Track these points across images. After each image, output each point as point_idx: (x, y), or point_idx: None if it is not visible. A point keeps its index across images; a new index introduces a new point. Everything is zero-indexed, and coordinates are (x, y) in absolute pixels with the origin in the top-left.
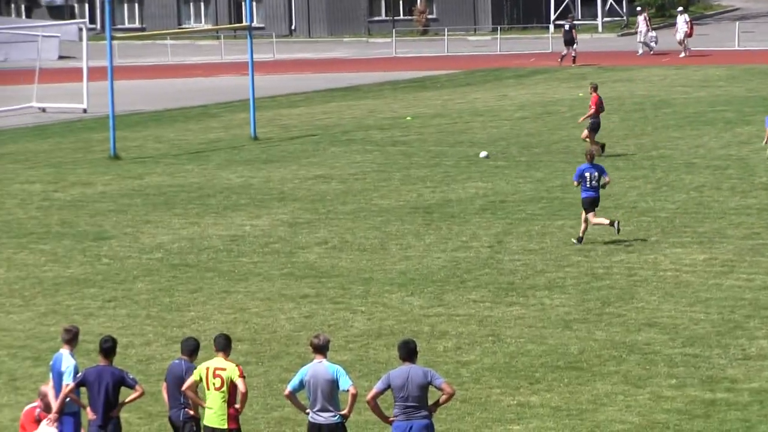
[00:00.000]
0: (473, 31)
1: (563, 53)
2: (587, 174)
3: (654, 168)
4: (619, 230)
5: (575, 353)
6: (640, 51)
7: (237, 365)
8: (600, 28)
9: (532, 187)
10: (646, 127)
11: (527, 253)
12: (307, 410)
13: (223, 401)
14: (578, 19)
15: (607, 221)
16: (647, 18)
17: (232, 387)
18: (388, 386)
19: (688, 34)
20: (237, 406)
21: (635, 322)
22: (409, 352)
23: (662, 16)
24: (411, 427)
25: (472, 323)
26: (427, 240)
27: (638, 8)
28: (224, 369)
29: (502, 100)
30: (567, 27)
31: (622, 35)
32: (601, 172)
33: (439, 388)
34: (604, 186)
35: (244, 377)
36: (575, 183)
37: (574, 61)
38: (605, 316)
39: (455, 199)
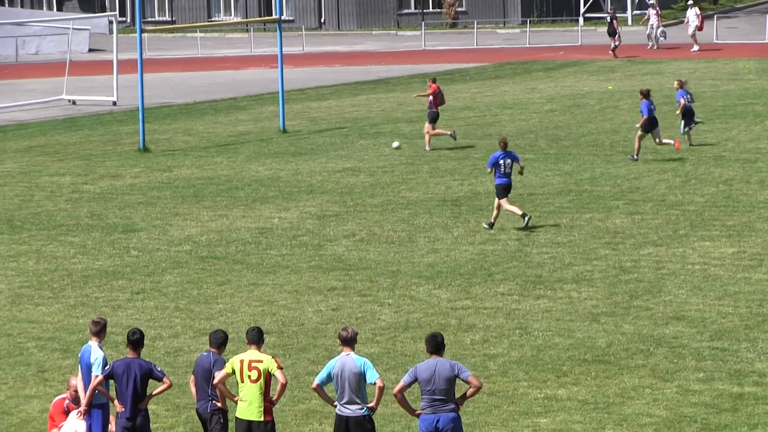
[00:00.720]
0: (502, 24)
1: (612, 46)
2: (501, 161)
3: (683, 161)
4: (527, 224)
5: (603, 347)
6: (650, 45)
7: (273, 357)
8: (629, 21)
9: (560, 180)
10: (675, 121)
11: (555, 246)
12: (335, 403)
13: (260, 393)
14: (607, 12)
15: (519, 211)
16: (658, 12)
17: (268, 379)
18: (415, 379)
19: (699, 28)
20: (273, 398)
21: (663, 316)
22: (436, 345)
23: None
24: (438, 420)
25: (500, 316)
26: (455, 233)
27: (650, 1)
28: (260, 361)
29: (531, 93)
30: (608, 19)
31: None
32: (515, 159)
33: (467, 381)
34: (521, 171)
35: (281, 368)
36: (488, 170)
37: (613, 52)
38: (633, 309)
39: (483, 192)
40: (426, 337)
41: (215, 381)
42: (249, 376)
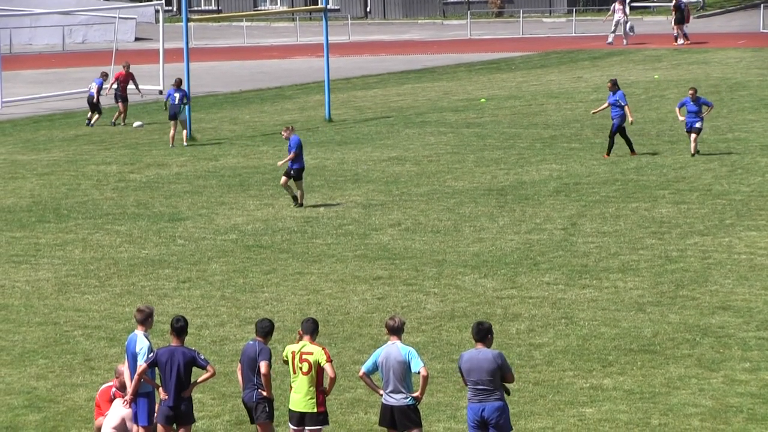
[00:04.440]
0: (548, 13)
1: (675, 34)
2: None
3: (729, 151)
4: (301, 204)
5: (648, 336)
6: (610, 39)
7: (323, 349)
8: None
9: (606, 169)
10: (721, 110)
11: (601, 235)
12: (381, 391)
13: (311, 385)
14: (654, 2)
15: (296, 195)
16: (624, 7)
17: (319, 371)
18: (459, 368)
19: (686, 20)
20: (325, 388)
21: (709, 306)
22: (479, 333)
23: None
24: (483, 409)
25: (545, 306)
26: (501, 222)
27: None
28: (311, 353)
29: (576, 82)
30: (678, 5)
31: (698, 17)
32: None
33: (503, 379)
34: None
35: (331, 361)
36: (293, 154)
37: (685, 39)
38: (679, 299)
39: (529, 181)
40: (472, 326)
41: (263, 371)
42: (300, 368)
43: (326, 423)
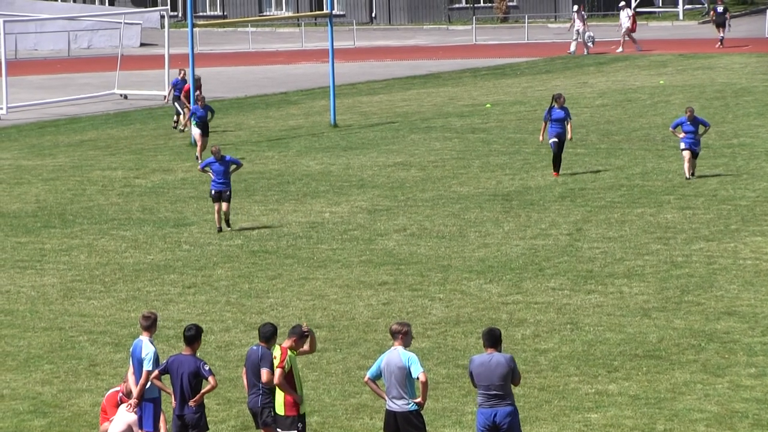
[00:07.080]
0: (553, 18)
1: (719, 36)
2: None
3: (734, 156)
4: (220, 229)
5: (654, 342)
6: (572, 48)
7: (282, 352)
8: (681, 16)
9: (611, 174)
10: (726, 115)
11: (606, 240)
12: (386, 397)
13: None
14: (659, 7)
15: (218, 224)
16: (583, 14)
17: (286, 375)
18: (471, 373)
19: (632, 29)
20: (293, 392)
21: (714, 311)
22: (492, 339)
23: (744, 3)
24: (495, 414)
25: (551, 311)
26: (506, 227)
27: (575, 6)
28: (275, 357)
29: (582, 87)
30: (720, 9)
31: (703, 23)
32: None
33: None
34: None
35: (281, 368)
36: (200, 168)
37: (722, 43)
38: (684, 304)
39: (534, 187)
40: (483, 332)
41: (264, 379)
42: None
43: (295, 429)
